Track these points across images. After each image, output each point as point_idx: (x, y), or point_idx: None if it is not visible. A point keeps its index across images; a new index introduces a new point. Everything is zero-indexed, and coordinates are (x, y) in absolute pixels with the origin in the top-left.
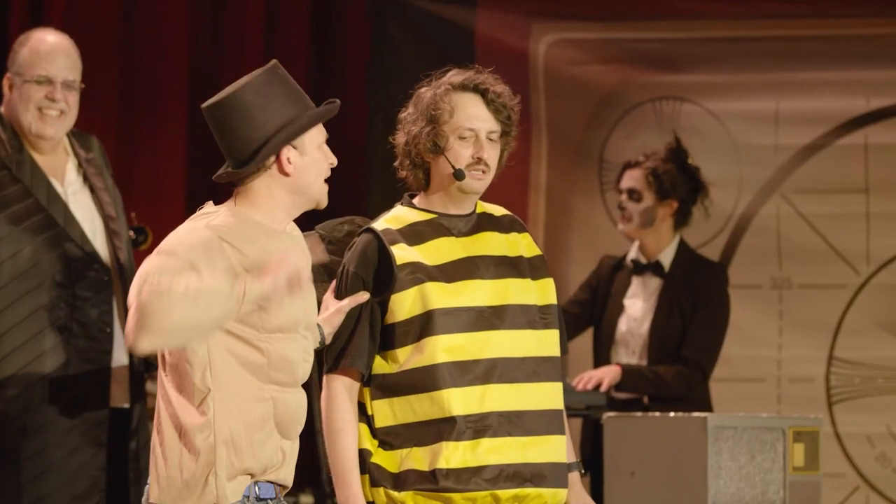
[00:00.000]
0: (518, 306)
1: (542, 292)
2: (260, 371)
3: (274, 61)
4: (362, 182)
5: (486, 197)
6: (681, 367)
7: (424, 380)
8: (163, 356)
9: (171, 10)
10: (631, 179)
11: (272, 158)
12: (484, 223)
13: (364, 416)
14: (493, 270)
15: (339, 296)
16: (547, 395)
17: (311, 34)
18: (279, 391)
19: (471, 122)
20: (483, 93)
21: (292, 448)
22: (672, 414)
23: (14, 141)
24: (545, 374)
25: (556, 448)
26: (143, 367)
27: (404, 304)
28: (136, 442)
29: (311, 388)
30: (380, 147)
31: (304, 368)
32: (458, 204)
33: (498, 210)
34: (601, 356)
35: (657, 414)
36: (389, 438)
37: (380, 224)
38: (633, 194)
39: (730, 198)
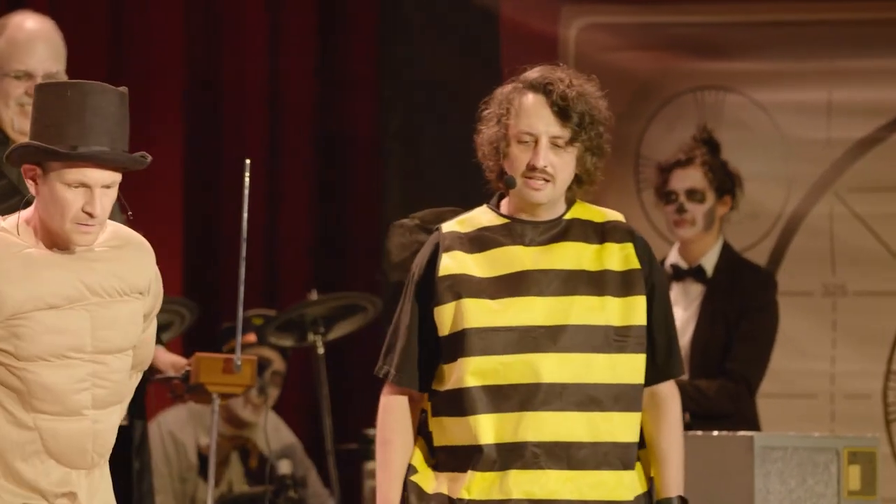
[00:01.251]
0: (580, 327)
1: (625, 311)
2: (21, 398)
3: (123, 89)
4: (378, 181)
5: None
6: (725, 381)
7: (456, 403)
8: None
9: None
10: (688, 179)
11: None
12: (571, 231)
13: (426, 430)
14: (558, 286)
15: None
16: (609, 427)
17: (318, 27)
18: (47, 420)
19: (529, 126)
20: (548, 93)
21: (88, 478)
22: (715, 433)
23: None
24: (608, 403)
25: (614, 484)
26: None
27: (444, 320)
28: (140, 462)
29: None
30: (396, 143)
31: (96, 394)
32: (532, 211)
33: (603, 215)
34: None
35: (699, 433)
36: (438, 458)
37: (450, 224)
38: (695, 194)
39: (778, 197)
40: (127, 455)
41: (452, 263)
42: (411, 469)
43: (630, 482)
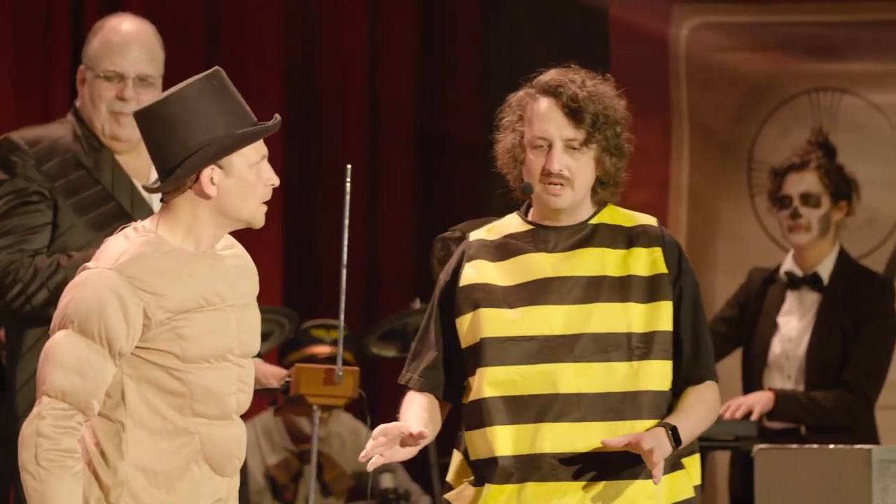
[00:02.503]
0: (599, 335)
1: (650, 317)
2: (182, 402)
3: (216, 68)
4: (479, 183)
5: (624, 198)
6: (842, 392)
7: (476, 415)
8: None
9: None
10: (803, 183)
11: (192, 178)
12: (596, 236)
13: (463, 446)
14: (578, 293)
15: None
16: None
17: (419, 23)
18: (206, 424)
19: (542, 130)
20: (557, 96)
21: (229, 485)
22: (832, 446)
23: (91, 139)
24: (631, 411)
25: (636, 494)
26: None
27: (464, 331)
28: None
29: None
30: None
31: (240, 399)
32: (555, 216)
33: (633, 219)
34: (752, 381)
35: (814, 446)
36: (473, 474)
37: (478, 233)
38: (811, 199)
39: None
40: None
41: (474, 273)
42: (446, 486)
43: (653, 491)
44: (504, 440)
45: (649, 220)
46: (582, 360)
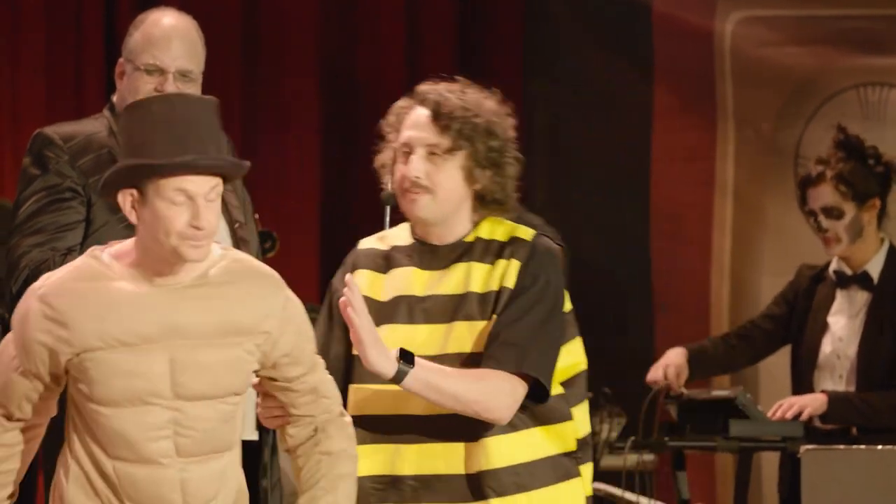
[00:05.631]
0: (456, 355)
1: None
2: (101, 440)
3: (212, 99)
4: (523, 177)
5: (663, 194)
6: (894, 393)
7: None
8: None
9: None
10: (820, 197)
11: (119, 197)
12: (470, 253)
13: None
14: (441, 313)
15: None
16: (484, 454)
17: (459, 18)
18: (123, 465)
19: (405, 136)
20: (424, 102)
21: None
22: (879, 447)
23: None
24: (481, 430)
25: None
26: None
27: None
28: (269, 480)
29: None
30: (540, 143)
31: (178, 442)
32: (426, 231)
33: (513, 232)
34: (802, 381)
35: (862, 447)
36: None
37: (369, 241)
38: (832, 212)
39: None
40: (254, 474)
41: (358, 285)
42: None
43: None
44: (363, 461)
45: (527, 232)
46: None
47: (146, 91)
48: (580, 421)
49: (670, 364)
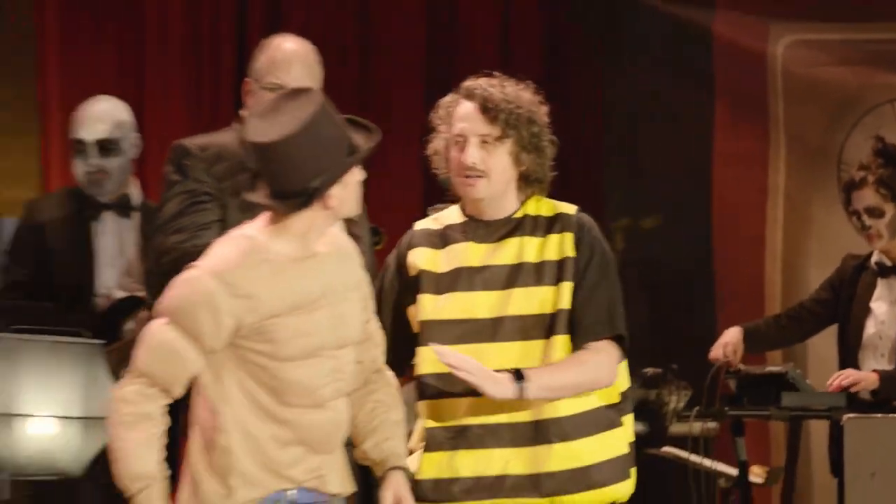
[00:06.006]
0: (517, 317)
1: (556, 297)
2: (276, 394)
3: (319, 94)
4: (600, 185)
5: (723, 196)
6: None
7: (419, 389)
8: None
9: (406, 16)
10: (863, 199)
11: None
12: (521, 228)
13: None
14: (499, 280)
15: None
16: (550, 404)
17: (545, 38)
18: (300, 413)
19: (458, 128)
20: (472, 96)
21: (332, 459)
22: None
23: None
24: None
25: (563, 454)
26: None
27: (413, 316)
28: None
29: None
30: (616, 151)
31: (336, 387)
32: (479, 209)
33: (555, 209)
34: (848, 359)
35: None
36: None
37: (425, 222)
38: (874, 211)
39: None
40: None
41: (416, 261)
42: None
43: (578, 451)
44: (435, 413)
45: (569, 208)
46: (502, 341)
47: None
48: (622, 377)
49: (728, 343)
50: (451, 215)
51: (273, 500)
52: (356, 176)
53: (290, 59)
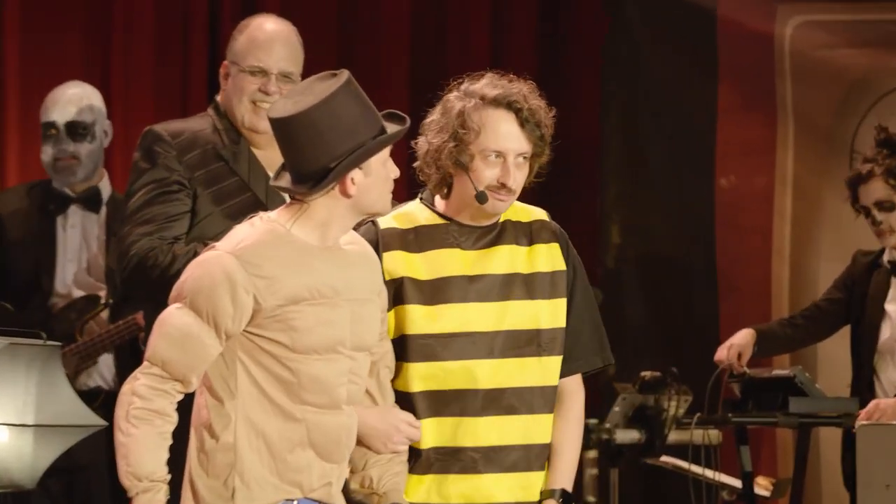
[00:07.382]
0: (513, 332)
1: (552, 314)
2: (290, 390)
3: (347, 74)
4: (596, 174)
5: (727, 184)
6: None
7: (404, 407)
8: None
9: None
10: (872, 193)
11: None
12: (505, 234)
13: None
14: (494, 291)
15: None
16: (539, 429)
17: (541, 20)
18: (313, 412)
19: (498, 144)
20: (517, 111)
21: (339, 471)
22: None
23: (231, 132)
24: (540, 405)
25: (540, 485)
26: None
27: (390, 323)
28: None
29: None
30: (615, 137)
31: (351, 390)
32: (479, 216)
33: (530, 214)
34: (862, 364)
35: None
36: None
37: (386, 220)
38: (884, 205)
39: None
40: None
41: (394, 266)
42: None
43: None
44: (426, 433)
45: (541, 214)
46: (499, 357)
47: (250, 90)
48: None
49: (734, 345)
50: (417, 214)
51: None
52: (385, 167)
53: (271, 39)
